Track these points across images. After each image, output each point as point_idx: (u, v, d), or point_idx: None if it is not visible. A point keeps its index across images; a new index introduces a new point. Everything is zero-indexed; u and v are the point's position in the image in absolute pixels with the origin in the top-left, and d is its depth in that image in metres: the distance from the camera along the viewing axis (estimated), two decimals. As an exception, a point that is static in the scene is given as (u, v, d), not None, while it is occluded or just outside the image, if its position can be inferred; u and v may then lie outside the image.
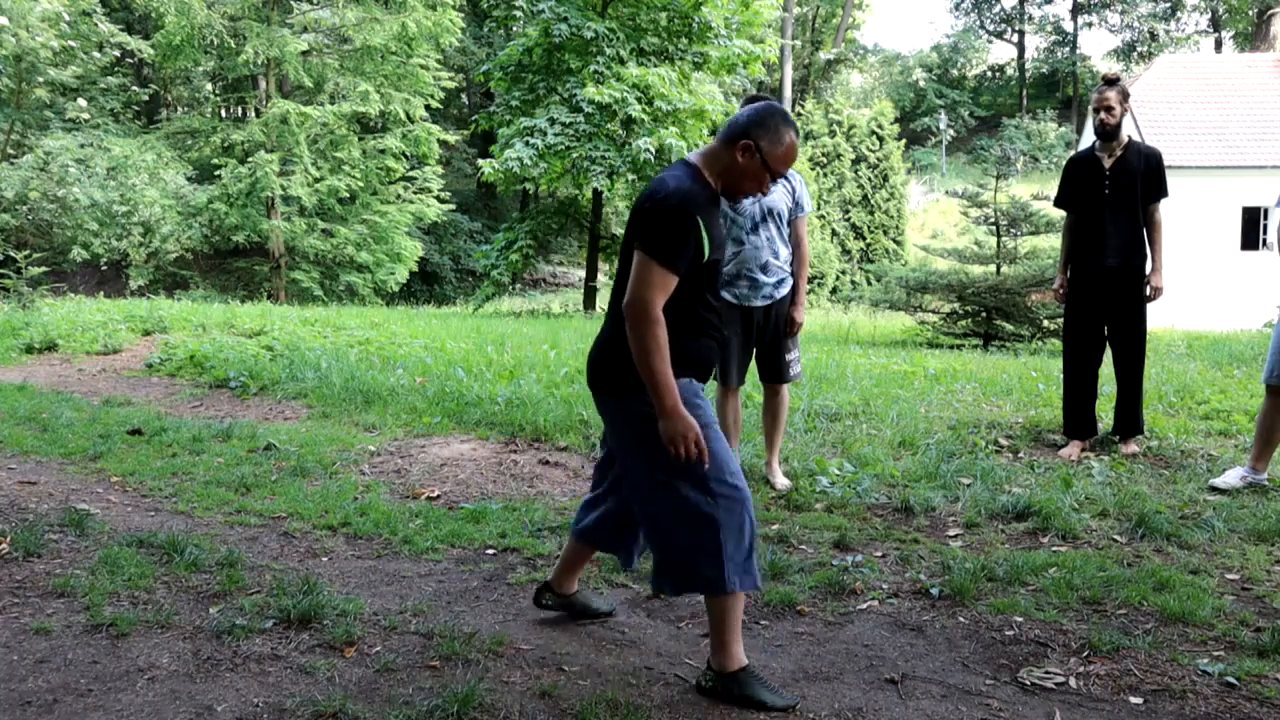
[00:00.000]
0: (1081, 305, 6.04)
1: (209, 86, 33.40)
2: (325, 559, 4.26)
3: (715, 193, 3.00)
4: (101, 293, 20.40)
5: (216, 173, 26.41)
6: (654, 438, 2.92)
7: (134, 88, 28.01)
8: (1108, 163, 5.91)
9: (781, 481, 5.35)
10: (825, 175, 33.30)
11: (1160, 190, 5.93)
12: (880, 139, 34.02)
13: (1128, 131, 6.00)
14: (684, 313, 2.95)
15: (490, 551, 4.39)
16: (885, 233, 33.68)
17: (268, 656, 3.21)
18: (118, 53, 26.55)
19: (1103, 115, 5.84)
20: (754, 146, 2.93)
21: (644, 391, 2.91)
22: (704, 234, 2.88)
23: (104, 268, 26.42)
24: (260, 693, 2.96)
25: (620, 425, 3.08)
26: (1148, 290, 5.94)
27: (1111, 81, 5.92)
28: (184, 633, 3.37)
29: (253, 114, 30.21)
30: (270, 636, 3.36)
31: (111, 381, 9.16)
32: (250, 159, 25.95)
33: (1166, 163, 6.10)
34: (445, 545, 4.44)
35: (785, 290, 5.21)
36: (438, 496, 5.27)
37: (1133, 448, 6.00)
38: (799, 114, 45.67)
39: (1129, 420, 6.05)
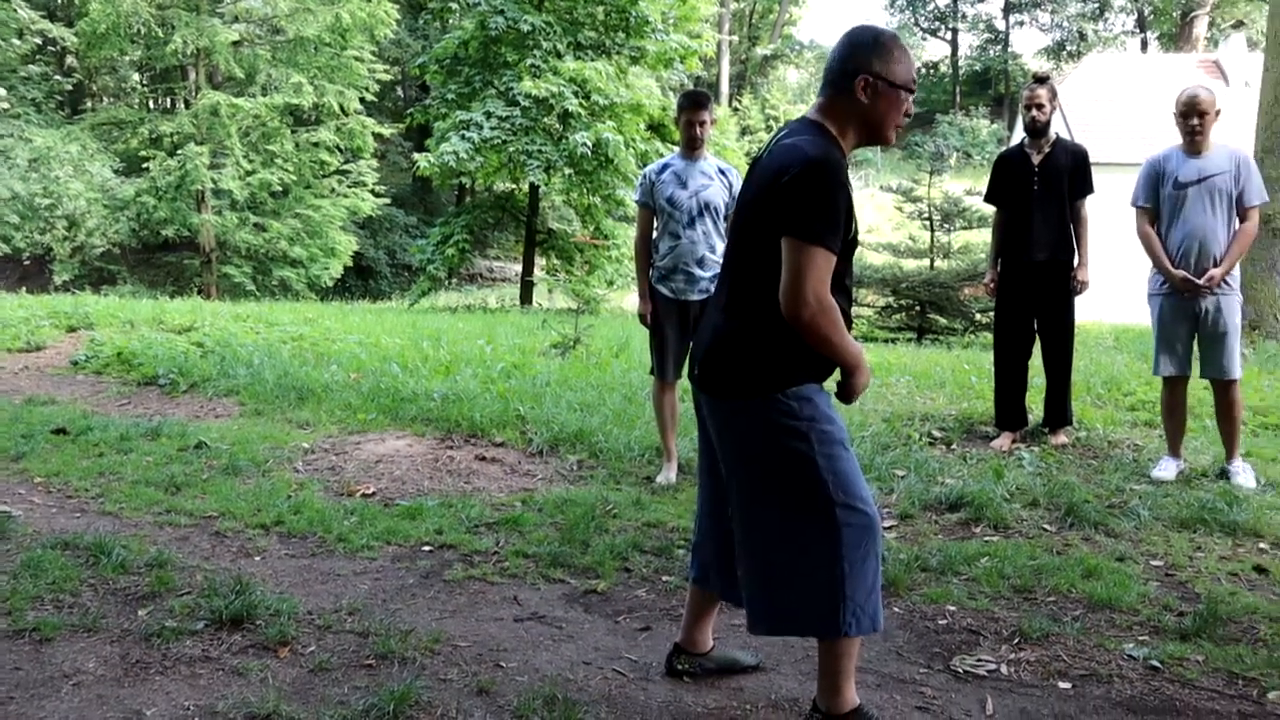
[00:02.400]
0: (1011, 299, 6.15)
1: (136, 76, 32.58)
2: (258, 558, 4.20)
3: (846, 154, 2.64)
4: (24, 288, 19.81)
5: (144, 165, 25.76)
6: (774, 449, 2.61)
7: (57, 76, 27.27)
8: (1036, 159, 6.02)
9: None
10: (761, 170, 33.55)
11: (1086, 187, 6.06)
12: (816, 135, 34.30)
13: (1056, 129, 6.12)
14: None
15: (427, 548, 4.35)
16: (821, 227, 34.00)
17: (199, 659, 3.17)
18: (39, 40, 25.83)
19: (1033, 112, 5.96)
20: (870, 76, 2.57)
21: (769, 395, 2.59)
22: (852, 204, 2.56)
23: (26, 262, 25.71)
24: (191, 695, 2.92)
25: (736, 433, 2.68)
26: (1075, 284, 6.07)
27: (1041, 79, 6.04)
28: (111, 636, 3.31)
29: (182, 105, 29.50)
30: (201, 638, 3.31)
31: (34, 379, 8.91)
32: (179, 151, 25.34)
33: (1094, 160, 6.23)
34: (381, 543, 4.39)
35: (722, 285, 5.23)
36: (373, 493, 5.21)
37: (1062, 438, 6.12)
38: (735, 109, 45.90)
39: (1058, 412, 6.18)
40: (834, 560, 2.58)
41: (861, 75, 2.57)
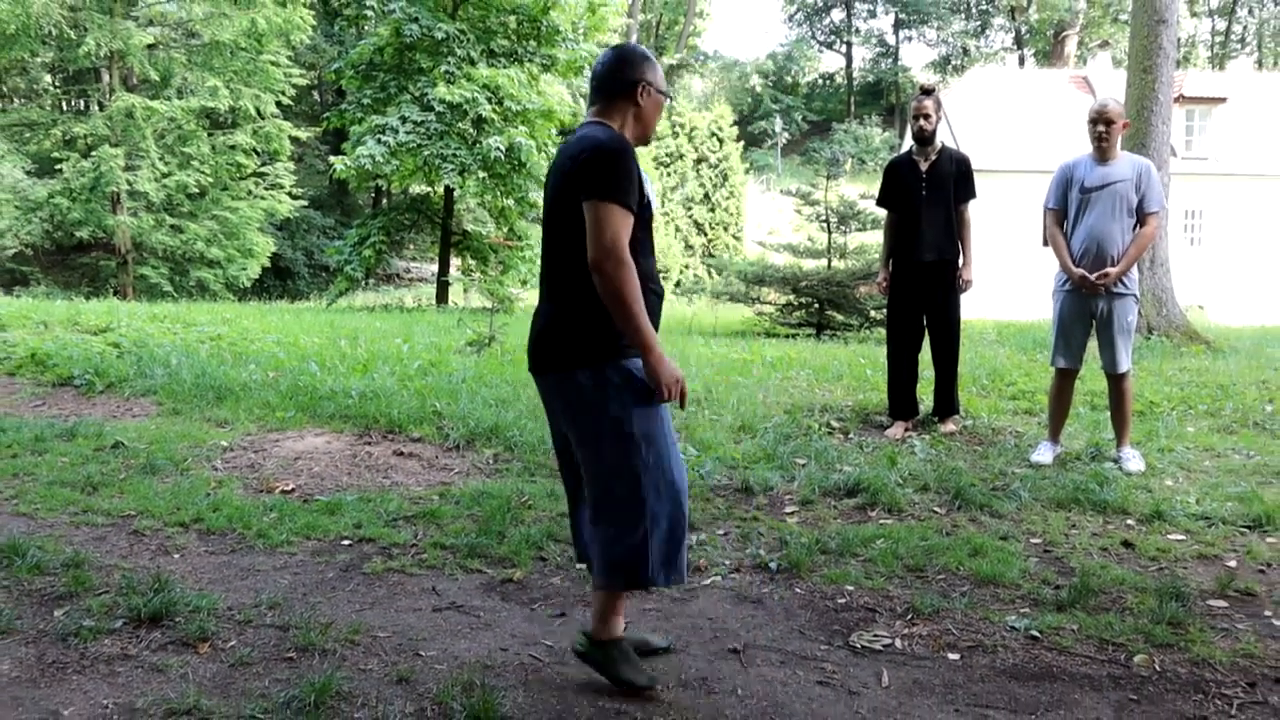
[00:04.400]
0: (902, 297, 6.46)
1: (48, 78, 31.63)
2: (177, 556, 4.19)
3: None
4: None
5: (57, 166, 25.06)
6: (596, 417, 2.86)
7: (-37, 77, 26.33)
8: (924, 166, 6.33)
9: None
10: (669, 175, 33.80)
11: (969, 191, 6.38)
12: (720, 140, 34.59)
13: (942, 137, 6.44)
14: None
15: (346, 542, 4.37)
16: (725, 229, 34.33)
17: (117, 657, 3.15)
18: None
19: (921, 122, 6.25)
20: (646, 83, 2.98)
21: (594, 363, 2.85)
22: (642, 177, 2.87)
23: (-65, 264, 24.90)
24: (110, 694, 2.91)
25: (565, 404, 2.94)
26: (960, 283, 6.39)
27: (928, 91, 6.35)
28: (27, 637, 3.28)
29: (96, 107, 28.70)
30: (120, 636, 3.29)
31: (-61, 385, 8.69)
32: (94, 153, 24.70)
33: (976, 166, 6.56)
34: (300, 538, 4.40)
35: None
36: (292, 490, 5.21)
37: (950, 427, 6.43)
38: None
39: (946, 402, 6.50)
40: (638, 520, 2.85)
41: (641, 83, 2.98)
